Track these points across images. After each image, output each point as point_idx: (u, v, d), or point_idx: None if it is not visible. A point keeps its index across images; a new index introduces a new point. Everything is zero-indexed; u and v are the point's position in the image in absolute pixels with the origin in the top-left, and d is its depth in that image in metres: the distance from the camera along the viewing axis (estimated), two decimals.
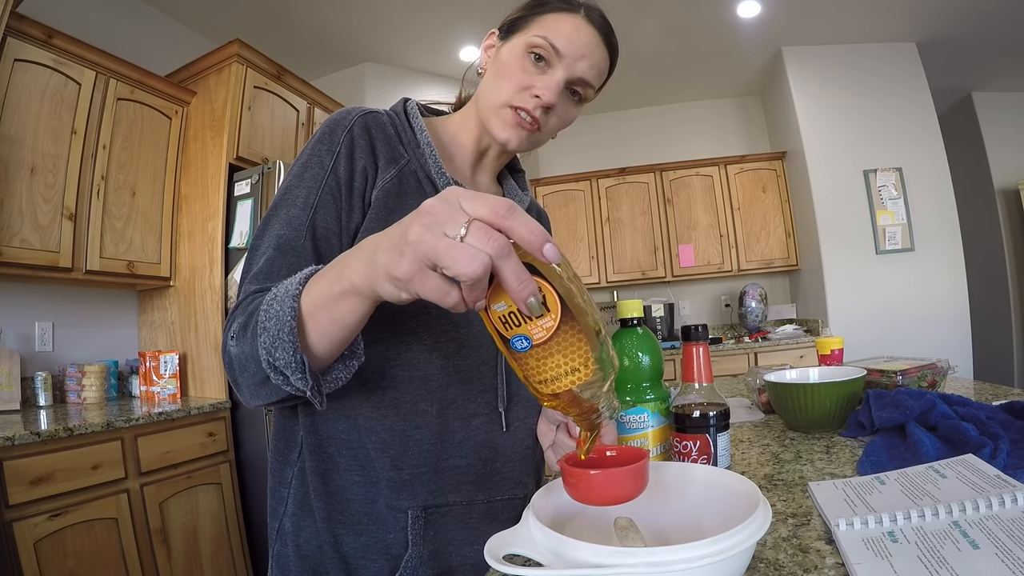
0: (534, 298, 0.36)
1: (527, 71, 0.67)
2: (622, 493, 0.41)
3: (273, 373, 0.48)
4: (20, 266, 1.93)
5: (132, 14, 2.79)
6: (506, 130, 0.68)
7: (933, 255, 3.62)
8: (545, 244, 0.36)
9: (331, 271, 0.46)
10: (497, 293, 0.38)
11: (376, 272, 0.40)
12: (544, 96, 0.66)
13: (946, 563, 0.40)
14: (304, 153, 0.65)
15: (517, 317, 0.38)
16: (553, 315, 0.38)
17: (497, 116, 0.68)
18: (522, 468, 0.69)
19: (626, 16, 3.32)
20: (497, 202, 0.36)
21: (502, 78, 0.68)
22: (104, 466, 1.77)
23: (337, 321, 0.46)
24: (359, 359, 0.52)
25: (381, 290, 0.40)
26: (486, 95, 0.70)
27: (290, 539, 0.64)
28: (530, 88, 0.67)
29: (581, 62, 0.67)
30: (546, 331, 0.38)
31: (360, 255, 0.43)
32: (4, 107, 1.89)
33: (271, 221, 0.62)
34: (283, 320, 0.46)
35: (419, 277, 0.37)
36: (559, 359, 0.39)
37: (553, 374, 0.39)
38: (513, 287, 0.36)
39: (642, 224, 4.22)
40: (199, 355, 2.42)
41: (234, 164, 2.45)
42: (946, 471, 0.57)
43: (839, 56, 3.81)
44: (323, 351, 0.48)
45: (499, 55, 0.70)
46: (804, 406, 0.87)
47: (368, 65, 3.77)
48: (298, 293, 0.46)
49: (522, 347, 0.39)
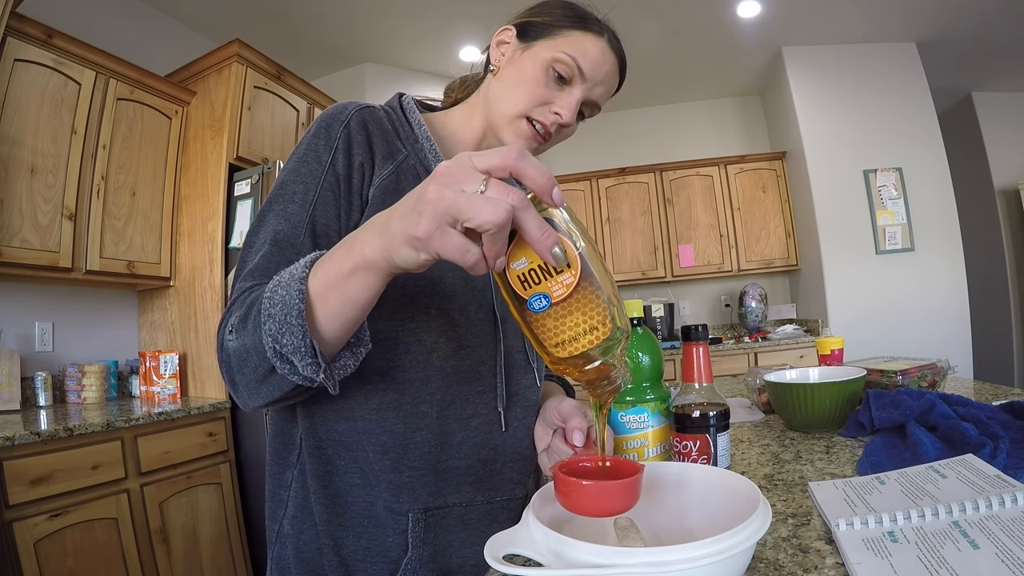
0: (558, 248, 0.37)
1: (548, 86, 0.66)
2: (613, 506, 0.41)
3: (279, 362, 0.46)
4: (20, 266, 1.93)
5: (132, 14, 2.79)
6: (519, 142, 0.68)
7: (933, 255, 3.62)
8: (554, 187, 0.37)
9: (339, 250, 0.45)
10: (517, 250, 0.39)
11: (392, 239, 0.40)
12: (564, 116, 0.66)
13: (946, 563, 0.40)
14: (300, 148, 0.63)
15: (537, 274, 0.39)
16: (573, 271, 0.38)
17: (512, 126, 0.68)
18: (521, 468, 0.69)
19: (627, 16, 3.31)
20: (506, 149, 0.38)
21: (522, 87, 0.67)
22: (104, 466, 1.77)
23: (348, 300, 0.45)
24: (366, 346, 0.51)
25: (398, 256, 0.40)
26: (502, 100, 0.68)
27: (289, 541, 0.64)
28: (550, 104, 0.67)
29: (599, 87, 0.68)
30: (566, 287, 0.39)
31: (371, 229, 0.43)
32: (4, 107, 1.89)
33: (266, 217, 0.60)
34: (290, 304, 0.44)
35: (439, 234, 0.37)
36: (577, 317, 0.39)
37: (571, 334, 0.40)
38: (536, 237, 0.37)
39: (642, 224, 4.22)
40: (199, 355, 2.42)
41: (234, 164, 2.45)
42: (946, 471, 0.57)
43: (839, 56, 3.81)
44: (332, 334, 0.47)
45: (519, 61, 0.68)
46: (804, 406, 0.87)
47: (368, 65, 3.77)
48: (305, 276, 0.45)
49: (540, 307, 0.39)
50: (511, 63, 0.69)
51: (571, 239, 0.39)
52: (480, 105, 0.72)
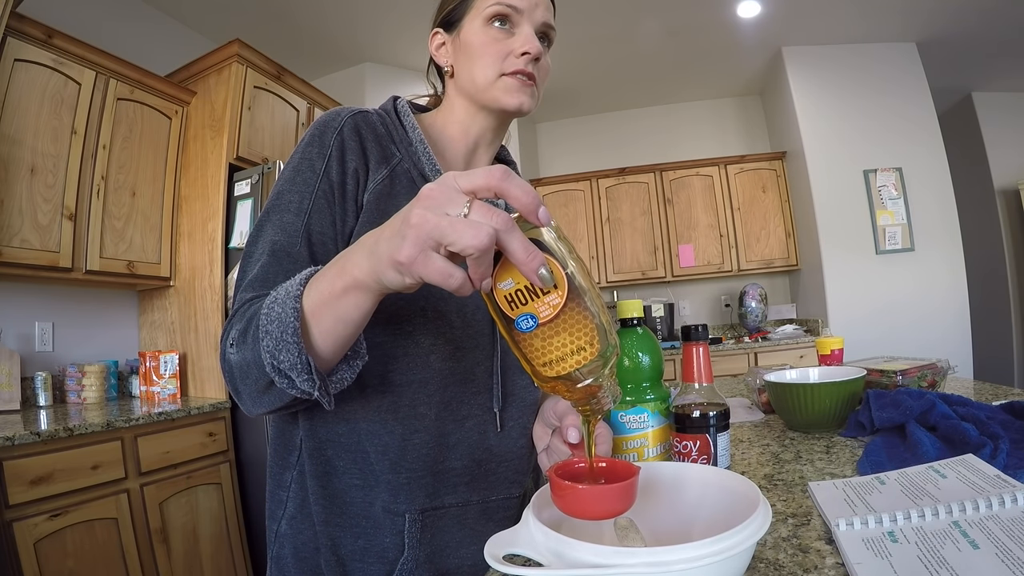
0: (544, 268, 0.37)
1: (498, 39, 0.67)
2: (609, 509, 0.41)
3: (278, 377, 0.47)
4: (20, 266, 1.93)
5: (132, 14, 2.79)
6: (513, 95, 0.67)
7: (933, 255, 3.62)
8: (540, 207, 0.37)
9: (332, 269, 0.45)
10: (503, 271, 0.39)
11: (379, 261, 0.40)
12: (530, 48, 0.66)
13: (946, 563, 0.40)
14: (294, 156, 0.64)
15: (524, 294, 0.39)
16: (560, 291, 0.38)
17: (497, 89, 0.68)
18: (517, 468, 0.69)
19: (627, 16, 3.32)
20: (490, 169, 0.37)
21: (479, 57, 0.67)
22: (104, 466, 1.77)
23: (341, 318, 0.45)
24: (363, 359, 0.52)
25: (385, 278, 0.40)
26: (471, 81, 0.69)
27: (288, 541, 0.64)
28: (511, 51, 0.67)
29: (537, 9, 0.68)
30: (553, 308, 0.38)
31: (361, 249, 0.43)
32: (4, 107, 1.89)
33: (264, 227, 0.61)
34: (286, 322, 0.45)
35: (422, 259, 0.37)
36: (564, 338, 0.39)
37: (558, 354, 0.39)
38: (522, 259, 0.36)
39: (642, 224, 4.22)
40: (199, 355, 2.42)
41: (234, 164, 2.45)
42: (946, 471, 0.57)
43: (839, 56, 3.81)
44: (327, 350, 0.48)
45: (460, 43, 0.69)
46: (804, 406, 0.87)
47: (368, 65, 3.77)
48: (299, 294, 0.46)
49: (528, 327, 0.39)
50: (457, 53, 0.70)
51: (558, 259, 0.38)
52: (455, 99, 0.73)
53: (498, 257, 0.39)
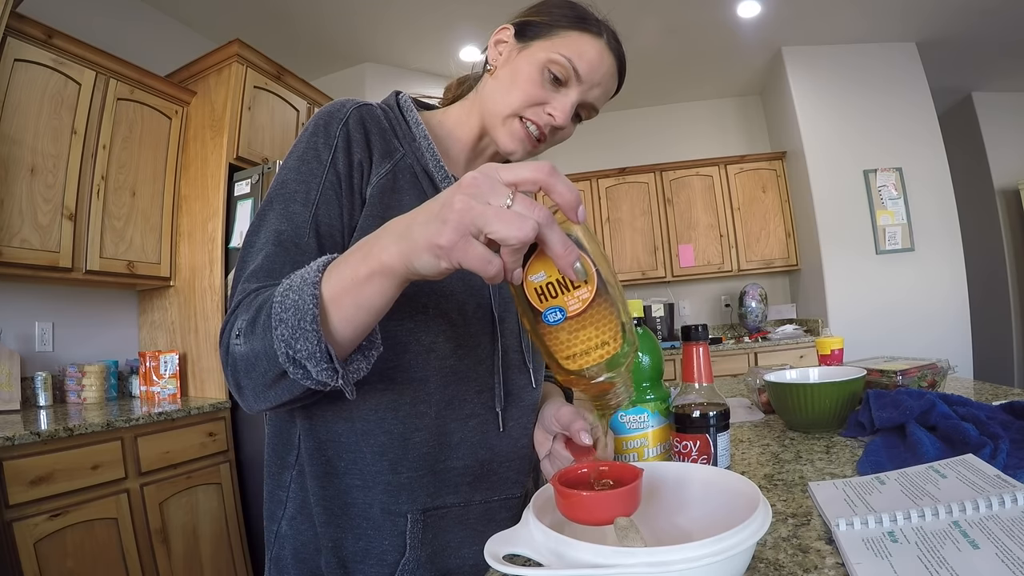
0: (580, 263, 0.38)
1: (543, 87, 0.66)
2: (614, 513, 0.41)
3: (292, 367, 0.46)
4: (20, 266, 1.93)
5: (132, 14, 2.79)
6: (513, 142, 0.68)
7: (933, 255, 3.62)
8: (580, 205, 0.39)
9: (354, 255, 0.44)
10: (536, 263, 0.40)
11: (413, 245, 0.40)
12: (558, 118, 0.66)
13: (946, 563, 0.40)
14: (298, 146, 0.62)
15: (555, 288, 0.40)
16: (590, 286, 0.40)
17: (505, 126, 0.67)
18: (518, 468, 0.69)
19: (627, 16, 3.31)
20: (539, 164, 0.39)
21: (516, 87, 0.66)
22: (104, 466, 1.77)
23: (363, 305, 0.44)
24: (377, 349, 0.51)
25: (418, 263, 0.40)
26: (495, 100, 0.68)
27: (288, 542, 0.64)
28: (544, 105, 0.66)
29: (596, 89, 0.68)
30: (582, 302, 0.40)
31: (389, 235, 0.42)
32: (4, 107, 1.89)
33: (267, 216, 0.59)
34: (303, 309, 0.43)
35: (462, 244, 0.37)
36: (591, 331, 0.40)
37: (583, 347, 0.41)
38: (560, 252, 0.38)
39: (642, 224, 4.22)
40: (199, 355, 2.42)
41: (234, 164, 2.45)
42: (946, 471, 0.57)
43: (839, 56, 3.81)
44: (344, 339, 0.46)
45: (515, 61, 0.68)
46: (804, 406, 0.87)
47: (368, 65, 3.77)
48: (318, 280, 0.45)
49: (555, 320, 0.40)
50: (507, 62, 0.69)
51: (589, 255, 0.40)
52: (476, 103, 0.72)
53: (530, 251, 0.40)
